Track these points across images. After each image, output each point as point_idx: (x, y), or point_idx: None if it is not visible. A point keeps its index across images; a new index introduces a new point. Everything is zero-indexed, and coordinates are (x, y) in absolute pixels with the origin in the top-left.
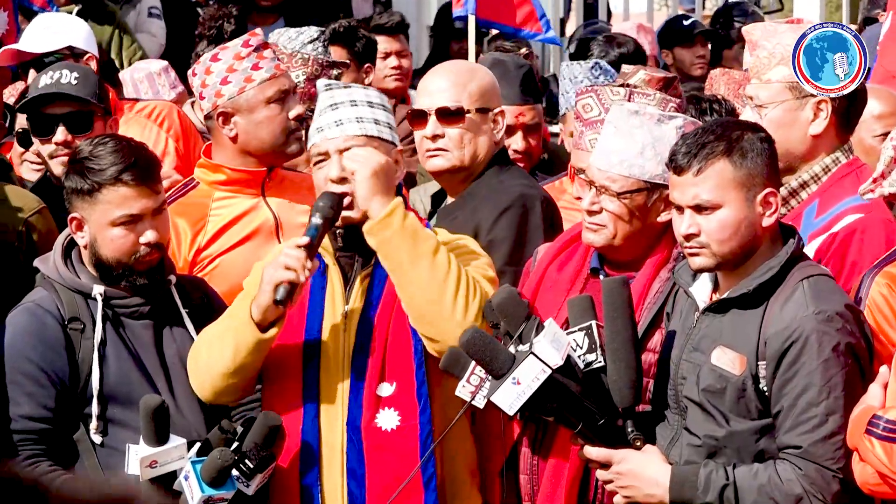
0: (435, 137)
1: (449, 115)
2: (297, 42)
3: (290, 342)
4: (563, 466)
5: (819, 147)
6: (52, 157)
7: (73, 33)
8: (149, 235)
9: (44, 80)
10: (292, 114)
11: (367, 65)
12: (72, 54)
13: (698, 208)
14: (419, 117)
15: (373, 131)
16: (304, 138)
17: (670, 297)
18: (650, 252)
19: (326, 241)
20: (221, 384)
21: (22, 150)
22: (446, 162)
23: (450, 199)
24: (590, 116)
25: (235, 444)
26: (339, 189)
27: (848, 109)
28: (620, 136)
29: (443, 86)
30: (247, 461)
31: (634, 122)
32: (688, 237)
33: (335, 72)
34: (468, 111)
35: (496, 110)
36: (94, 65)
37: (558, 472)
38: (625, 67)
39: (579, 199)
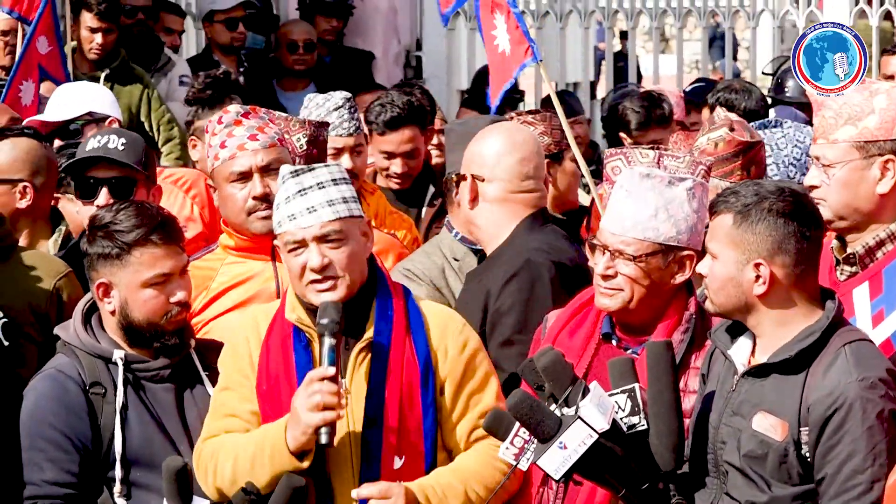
0: None
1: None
2: (323, 109)
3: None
4: None
5: (886, 205)
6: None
7: (92, 100)
8: (179, 295)
9: (91, 144)
10: (254, 193)
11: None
12: (93, 120)
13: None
14: None
15: (344, 212)
16: (270, 216)
17: (705, 358)
18: (662, 316)
19: (306, 316)
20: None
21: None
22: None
23: None
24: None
25: None
26: (315, 277)
27: None
28: (633, 199)
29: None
30: None
31: (646, 185)
32: (701, 276)
33: (327, 132)
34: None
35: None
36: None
37: None
38: (717, 113)
39: None
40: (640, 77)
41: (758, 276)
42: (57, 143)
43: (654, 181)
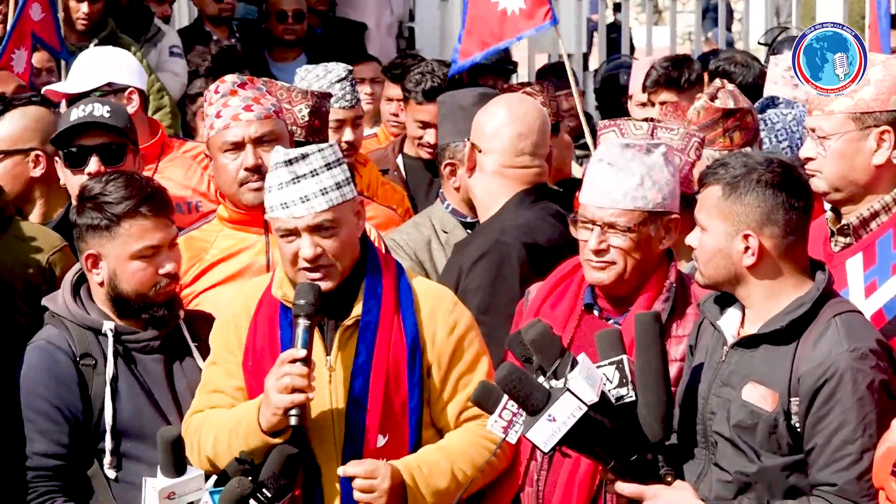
0: None
1: None
2: (324, 81)
3: None
4: (571, 495)
5: (882, 177)
6: None
7: (112, 69)
8: (168, 267)
9: (76, 114)
10: (246, 164)
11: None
12: (111, 91)
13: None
14: None
15: (337, 199)
16: (262, 188)
17: (693, 330)
18: (644, 285)
19: (293, 294)
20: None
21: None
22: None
23: None
24: None
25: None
26: (311, 267)
27: None
28: (616, 170)
29: None
30: (265, 490)
31: (628, 156)
32: (690, 248)
33: (329, 103)
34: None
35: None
36: (136, 98)
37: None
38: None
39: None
40: (632, 49)
41: (746, 248)
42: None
43: (633, 150)
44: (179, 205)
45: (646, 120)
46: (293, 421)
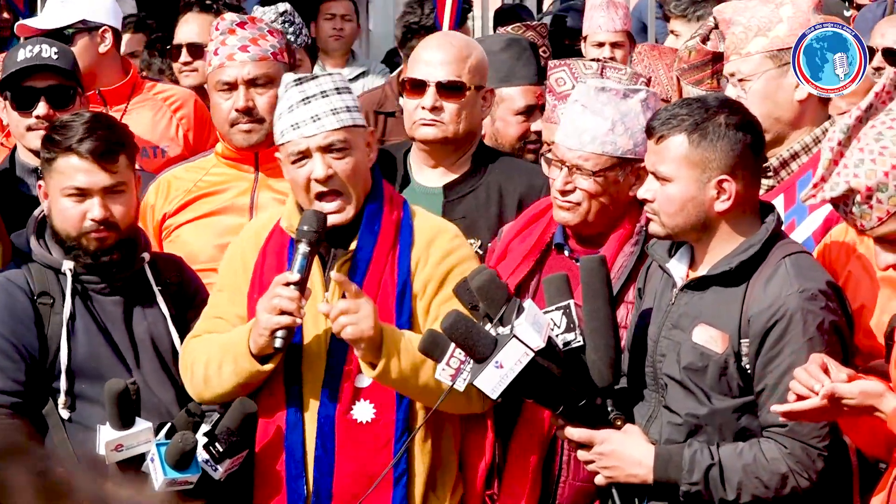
0: (434, 109)
1: (450, 90)
2: (266, 18)
3: None
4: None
5: (805, 113)
6: (30, 129)
7: (86, 6)
8: (94, 212)
9: (22, 54)
10: (237, 105)
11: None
12: (85, 28)
13: (656, 176)
14: (417, 87)
15: (348, 120)
16: (252, 130)
17: (641, 273)
18: (615, 227)
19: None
20: (222, 398)
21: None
22: (440, 133)
23: (446, 175)
24: (563, 90)
25: (206, 427)
26: (321, 189)
27: None
28: (590, 113)
29: (444, 58)
30: (217, 444)
31: (602, 99)
32: (643, 202)
33: (298, 56)
34: (468, 87)
35: (486, 88)
36: (109, 37)
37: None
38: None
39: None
40: None
41: (719, 193)
42: None
43: (609, 94)
44: (145, 149)
45: (595, 60)
46: (277, 343)
